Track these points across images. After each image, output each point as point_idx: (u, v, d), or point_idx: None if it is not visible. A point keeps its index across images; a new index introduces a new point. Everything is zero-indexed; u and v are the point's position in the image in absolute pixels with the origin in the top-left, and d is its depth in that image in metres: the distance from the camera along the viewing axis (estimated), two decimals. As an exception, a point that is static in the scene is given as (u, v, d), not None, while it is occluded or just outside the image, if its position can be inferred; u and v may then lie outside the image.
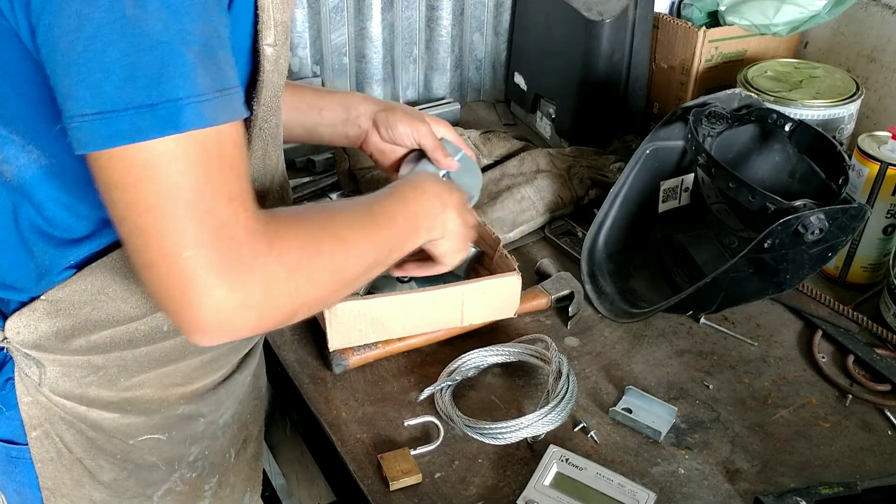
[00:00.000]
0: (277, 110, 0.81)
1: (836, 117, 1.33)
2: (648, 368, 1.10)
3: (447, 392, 1.02)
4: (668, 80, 1.59)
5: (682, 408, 1.03)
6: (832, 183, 1.11)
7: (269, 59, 0.74)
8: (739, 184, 1.06)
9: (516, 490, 0.91)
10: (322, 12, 1.55)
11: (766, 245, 1.01)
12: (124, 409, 0.84)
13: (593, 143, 1.53)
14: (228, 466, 0.99)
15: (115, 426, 0.85)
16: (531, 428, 0.96)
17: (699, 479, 0.94)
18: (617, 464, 0.96)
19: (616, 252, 1.26)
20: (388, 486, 0.91)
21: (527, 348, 1.07)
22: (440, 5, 1.63)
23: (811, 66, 1.44)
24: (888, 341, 1.14)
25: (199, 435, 0.92)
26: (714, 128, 1.22)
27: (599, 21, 1.44)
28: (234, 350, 0.92)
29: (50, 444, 0.83)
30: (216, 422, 0.94)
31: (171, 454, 0.90)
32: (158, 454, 0.89)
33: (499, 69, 1.78)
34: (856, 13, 1.51)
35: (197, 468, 0.94)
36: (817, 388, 1.08)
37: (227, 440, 0.97)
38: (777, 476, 0.95)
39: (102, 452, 0.86)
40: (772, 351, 1.14)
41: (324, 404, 1.03)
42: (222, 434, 0.96)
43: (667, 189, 1.28)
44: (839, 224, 1.02)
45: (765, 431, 1.01)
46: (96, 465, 0.86)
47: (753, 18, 1.49)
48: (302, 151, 1.55)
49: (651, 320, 1.18)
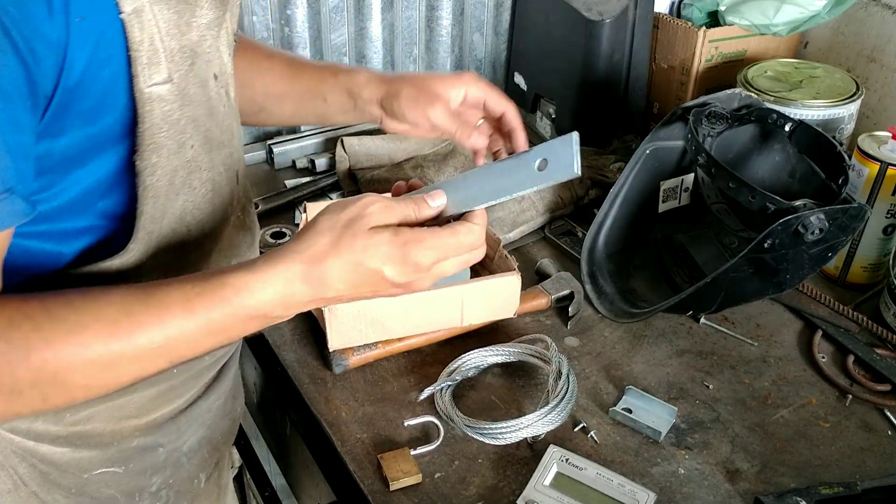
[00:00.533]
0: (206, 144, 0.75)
1: (836, 117, 1.33)
2: (648, 368, 1.10)
3: (447, 392, 1.02)
4: (668, 80, 1.59)
5: (682, 408, 1.03)
6: (832, 183, 1.11)
7: (165, 98, 0.68)
8: (739, 184, 1.06)
9: (516, 490, 0.91)
10: (322, 12, 1.55)
11: (766, 245, 1.01)
12: (74, 444, 0.81)
13: (593, 143, 1.53)
14: (198, 492, 0.96)
15: (66, 460, 0.81)
16: (531, 428, 0.96)
17: (699, 479, 0.94)
18: (617, 464, 0.96)
19: (616, 252, 1.26)
20: (388, 486, 0.91)
21: (527, 348, 1.07)
22: (440, 5, 1.63)
23: (811, 66, 1.44)
24: (888, 341, 1.14)
25: (161, 465, 0.88)
26: (714, 128, 1.22)
27: (599, 21, 1.44)
28: (196, 377, 0.88)
29: (6, 476, 0.80)
30: (179, 449, 0.90)
31: (130, 486, 0.87)
32: (116, 487, 0.85)
33: (499, 69, 1.78)
34: (856, 13, 1.51)
35: (161, 497, 0.90)
36: (817, 388, 1.08)
37: (194, 466, 0.93)
38: (777, 476, 0.95)
39: (56, 486, 0.82)
40: (772, 351, 1.14)
41: (324, 404, 1.03)
42: (188, 461, 0.92)
43: (667, 189, 1.28)
44: (839, 224, 1.02)
45: (765, 431, 1.01)
46: (51, 499, 0.83)
47: (753, 18, 1.49)
48: (302, 151, 1.55)
49: (651, 320, 1.17)
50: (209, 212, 0.79)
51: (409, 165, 1.40)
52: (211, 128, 0.75)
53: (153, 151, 0.69)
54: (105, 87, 0.64)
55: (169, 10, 0.67)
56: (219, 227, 0.81)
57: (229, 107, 0.80)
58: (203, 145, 0.75)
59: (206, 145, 0.75)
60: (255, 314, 0.67)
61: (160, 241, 0.74)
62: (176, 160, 0.72)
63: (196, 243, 0.79)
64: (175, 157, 0.72)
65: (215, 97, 0.75)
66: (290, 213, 1.39)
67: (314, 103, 1.00)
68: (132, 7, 0.63)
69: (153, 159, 0.69)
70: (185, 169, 0.73)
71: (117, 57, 0.64)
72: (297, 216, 1.38)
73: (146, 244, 0.73)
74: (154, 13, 0.65)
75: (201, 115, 0.73)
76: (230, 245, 0.85)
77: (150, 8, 0.65)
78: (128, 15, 0.63)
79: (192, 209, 0.76)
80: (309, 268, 0.66)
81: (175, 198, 0.74)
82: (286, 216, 1.38)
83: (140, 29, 0.64)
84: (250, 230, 0.91)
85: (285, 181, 1.48)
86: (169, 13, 0.67)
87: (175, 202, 0.74)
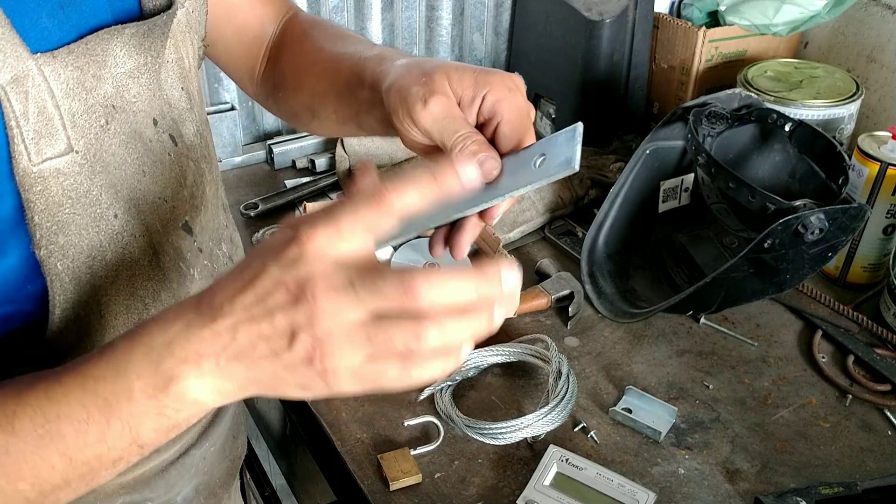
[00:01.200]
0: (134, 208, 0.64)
1: (836, 117, 1.33)
2: (648, 368, 1.10)
3: (447, 392, 1.02)
4: (668, 80, 1.59)
5: (682, 408, 1.03)
6: (832, 183, 1.11)
7: (64, 172, 0.58)
8: (739, 184, 1.06)
9: (516, 490, 0.91)
10: (322, 12, 1.55)
11: (766, 245, 1.01)
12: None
13: (593, 143, 1.53)
14: None
15: None
16: (531, 428, 0.96)
17: (699, 479, 0.94)
18: (617, 464, 0.96)
19: (616, 252, 1.26)
20: (388, 486, 0.91)
21: (527, 348, 1.07)
22: (440, 5, 1.64)
23: (811, 66, 1.44)
24: (888, 341, 1.14)
25: None
26: (714, 128, 1.22)
27: (599, 21, 1.44)
28: None
29: None
30: (172, 501, 0.80)
31: None
32: None
33: (499, 69, 1.78)
34: (856, 13, 1.51)
35: None
36: (817, 388, 1.08)
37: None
38: (777, 476, 0.95)
39: None
40: (772, 351, 1.14)
41: (324, 404, 1.03)
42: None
43: (667, 189, 1.28)
44: (839, 224, 1.02)
45: (765, 431, 1.01)
46: None
47: (753, 18, 1.49)
48: (302, 151, 1.55)
49: (651, 320, 1.17)
50: (159, 279, 0.68)
51: (410, 165, 1.40)
52: (142, 187, 0.66)
53: (57, 233, 0.59)
54: None
55: (66, 68, 0.57)
56: (180, 287, 0.71)
57: (180, 150, 0.70)
58: (129, 211, 0.64)
59: (134, 209, 0.65)
60: (135, 389, 0.48)
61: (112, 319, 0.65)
62: (95, 236, 0.62)
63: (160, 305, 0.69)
64: (92, 232, 0.61)
65: (156, 147, 0.67)
66: (290, 214, 1.39)
67: (349, 100, 0.77)
68: (10, 75, 0.53)
69: (60, 241, 0.59)
70: (113, 242, 0.63)
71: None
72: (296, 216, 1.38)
73: (84, 325, 0.64)
74: (45, 75, 0.55)
75: (126, 177, 0.64)
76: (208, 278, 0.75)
77: (38, 71, 0.55)
78: (2, 86, 0.53)
79: (142, 280, 0.66)
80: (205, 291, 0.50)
81: (111, 274, 0.64)
82: (286, 216, 1.38)
83: (23, 99, 0.54)
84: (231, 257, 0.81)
85: (285, 181, 1.48)
86: (67, 71, 0.57)
87: (110, 279, 0.64)
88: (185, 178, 0.71)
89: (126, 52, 0.63)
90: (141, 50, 0.64)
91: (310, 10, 1.53)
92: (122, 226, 0.64)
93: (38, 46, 0.56)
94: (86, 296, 0.63)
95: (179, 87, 0.70)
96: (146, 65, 0.65)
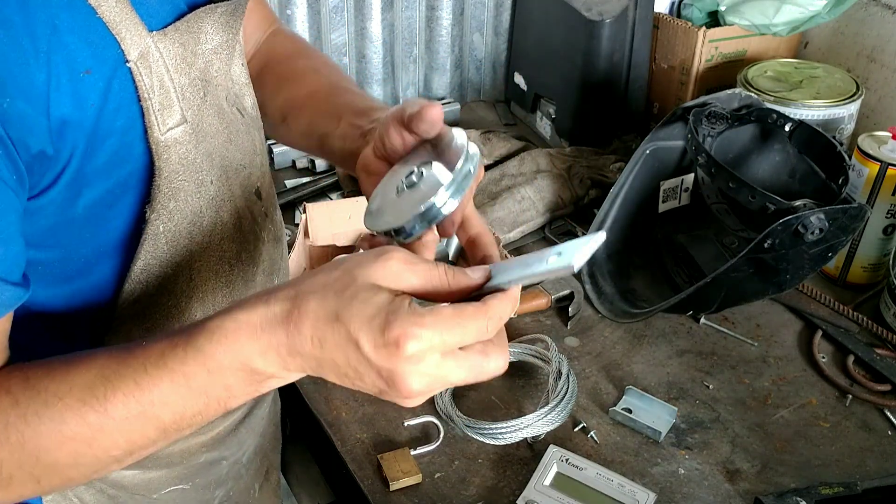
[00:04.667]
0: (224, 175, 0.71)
1: (836, 117, 1.33)
2: (648, 368, 1.10)
3: (447, 392, 1.02)
4: (668, 80, 1.59)
5: (682, 408, 1.03)
6: (832, 183, 1.11)
7: (180, 141, 0.64)
8: (739, 184, 1.06)
9: (516, 490, 0.91)
10: (322, 12, 1.55)
11: (766, 245, 1.01)
12: (145, 466, 0.79)
13: (593, 143, 1.53)
14: (252, 502, 0.96)
15: (136, 482, 0.80)
16: (531, 428, 0.96)
17: (699, 480, 0.94)
18: (617, 464, 0.96)
19: (616, 252, 1.26)
20: (388, 486, 0.91)
21: (527, 348, 1.07)
22: (440, 5, 1.64)
23: (811, 66, 1.44)
24: (888, 341, 1.14)
25: (224, 478, 0.89)
26: (714, 128, 1.22)
27: (599, 21, 1.44)
28: None
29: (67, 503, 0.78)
30: (240, 461, 0.90)
31: (195, 502, 0.87)
32: (182, 503, 0.86)
33: (499, 69, 1.78)
34: (856, 13, 1.51)
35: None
36: (817, 388, 1.08)
37: (250, 476, 0.94)
38: (777, 476, 0.95)
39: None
40: (772, 351, 1.14)
41: (324, 404, 1.03)
42: (246, 472, 0.93)
43: (667, 189, 1.28)
44: (839, 224, 1.02)
45: (765, 431, 1.01)
46: None
47: (753, 18, 1.49)
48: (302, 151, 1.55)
49: (651, 320, 1.17)
50: (241, 241, 0.75)
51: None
52: (229, 155, 0.72)
53: (170, 198, 0.65)
54: (119, 139, 0.61)
55: (174, 44, 0.64)
56: (255, 250, 0.78)
57: (247, 121, 0.76)
58: (221, 178, 0.71)
59: (224, 176, 0.71)
60: (233, 363, 0.54)
61: (202, 282, 0.71)
62: (196, 201, 0.68)
63: (241, 273, 0.76)
64: (195, 198, 0.68)
65: (231, 119, 0.73)
66: (291, 213, 1.39)
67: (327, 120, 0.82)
68: (138, 52, 0.60)
69: (170, 206, 0.65)
70: (210, 207, 0.69)
71: (128, 107, 0.61)
72: (297, 216, 1.38)
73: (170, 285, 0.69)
74: (160, 52, 0.62)
75: (218, 145, 0.70)
76: (270, 259, 0.82)
77: (155, 48, 0.61)
78: (134, 62, 0.60)
79: (228, 242, 0.72)
80: (290, 307, 0.53)
81: (206, 239, 0.70)
82: (286, 216, 1.38)
83: (149, 74, 0.61)
84: (280, 240, 0.86)
85: (285, 181, 1.48)
86: (174, 48, 0.64)
87: (205, 243, 0.70)
88: (255, 146, 0.77)
89: (214, 29, 0.69)
90: (226, 28, 0.70)
91: (310, 9, 1.53)
92: (216, 191, 0.70)
93: (151, 25, 0.62)
94: (178, 257, 0.68)
95: (240, 63, 0.76)
96: (227, 42, 0.71)
